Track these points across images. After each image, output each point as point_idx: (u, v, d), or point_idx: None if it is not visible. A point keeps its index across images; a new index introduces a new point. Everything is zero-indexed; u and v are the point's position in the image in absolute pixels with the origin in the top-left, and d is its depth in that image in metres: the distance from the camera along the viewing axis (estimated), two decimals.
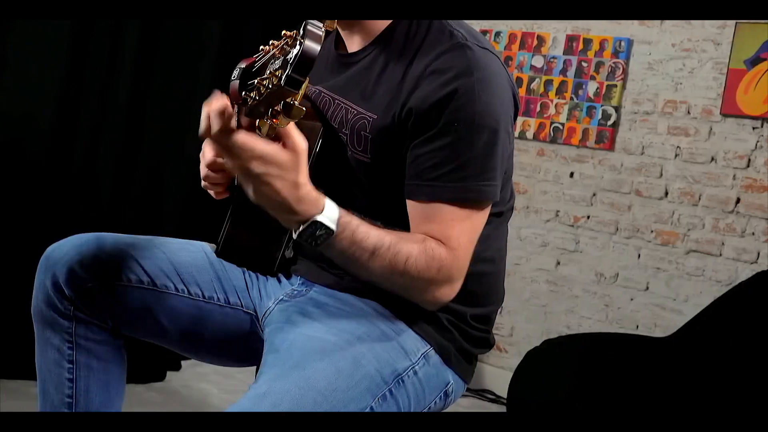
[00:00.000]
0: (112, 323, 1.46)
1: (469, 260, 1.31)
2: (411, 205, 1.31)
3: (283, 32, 1.00)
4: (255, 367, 1.61)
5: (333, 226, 1.17)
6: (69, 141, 2.76)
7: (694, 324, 2.92)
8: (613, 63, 3.47)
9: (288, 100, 0.98)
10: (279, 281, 1.50)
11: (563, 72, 3.57)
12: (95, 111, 2.81)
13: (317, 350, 1.24)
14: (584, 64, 3.52)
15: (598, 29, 3.52)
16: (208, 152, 1.52)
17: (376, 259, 1.23)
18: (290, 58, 0.94)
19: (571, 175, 3.58)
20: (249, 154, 1.06)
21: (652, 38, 3.41)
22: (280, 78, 0.94)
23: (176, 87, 3.04)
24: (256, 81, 1.00)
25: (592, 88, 3.50)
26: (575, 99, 3.54)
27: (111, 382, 1.47)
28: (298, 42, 0.95)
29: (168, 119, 3.04)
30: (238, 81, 1.07)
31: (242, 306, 1.49)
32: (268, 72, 0.98)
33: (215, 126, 1.05)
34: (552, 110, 3.60)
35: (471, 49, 1.30)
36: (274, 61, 1.00)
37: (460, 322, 1.42)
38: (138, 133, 2.97)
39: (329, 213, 1.17)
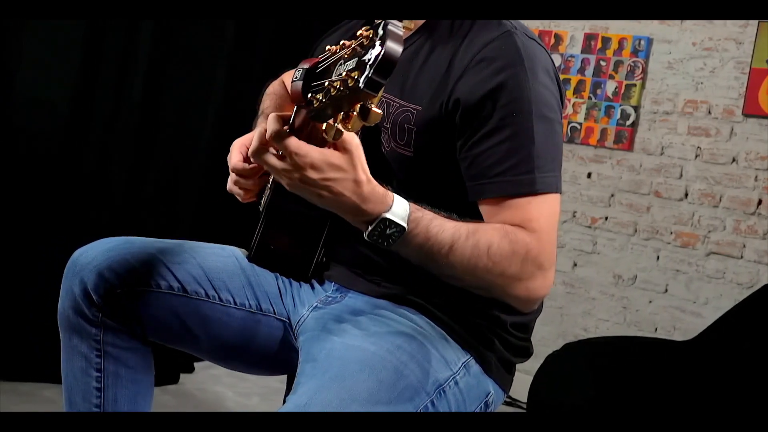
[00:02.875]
0: (141, 330, 1.41)
1: (555, 247, 1.22)
2: (482, 208, 1.25)
3: (360, 32, 0.95)
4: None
5: (403, 223, 1.11)
6: (82, 139, 2.72)
7: (716, 327, 2.87)
8: (633, 62, 3.42)
9: (365, 103, 0.93)
10: (312, 287, 1.45)
11: (581, 71, 3.53)
12: (109, 109, 2.77)
13: (357, 360, 1.20)
14: (603, 63, 3.47)
15: (617, 28, 3.47)
16: (235, 156, 1.48)
17: (455, 252, 1.14)
18: (368, 60, 0.89)
19: (589, 175, 3.54)
20: (303, 160, 1.02)
21: (673, 37, 3.37)
22: (357, 80, 0.89)
23: (190, 85, 3.00)
24: (326, 83, 0.95)
25: (610, 87, 3.45)
26: (593, 98, 3.49)
27: (139, 390, 1.42)
28: (377, 43, 0.90)
29: (182, 117, 3.01)
30: (301, 82, 1.02)
31: (275, 313, 1.44)
32: (341, 73, 0.93)
33: (271, 128, 1.02)
34: (569, 110, 3.55)
35: (520, 37, 1.25)
36: (345, 62, 0.95)
37: (500, 331, 1.37)
38: (152, 131, 2.93)
39: (398, 209, 1.11)
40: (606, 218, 3.49)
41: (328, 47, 1.02)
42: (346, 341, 1.25)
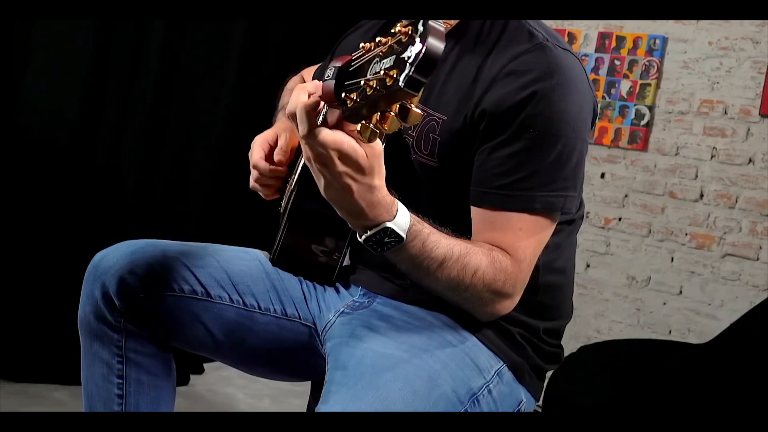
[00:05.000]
0: (163, 335, 1.38)
1: (530, 275, 1.24)
2: (475, 212, 1.24)
3: (397, 28, 0.90)
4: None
5: (403, 234, 1.10)
6: (92, 140, 2.70)
7: (733, 330, 2.84)
8: (647, 61, 3.38)
9: (404, 102, 0.89)
10: (338, 292, 1.42)
11: (595, 70, 3.49)
12: (119, 110, 2.75)
13: (390, 368, 1.16)
14: (617, 62, 3.44)
15: (632, 27, 3.43)
16: (256, 152, 1.45)
17: (443, 270, 1.16)
18: (408, 57, 0.84)
19: (603, 175, 3.50)
20: (333, 147, 0.98)
21: (688, 36, 3.33)
22: (396, 78, 0.85)
23: (200, 85, 2.98)
24: (361, 81, 0.91)
25: (625, 86, 3.41)
26: (607, 98, 3.45)
27: (161, 397, 1.39)
28: (417, 39, 0.85)
29: (192, 118, 2.99)
30: (333, 81, 0.97)
31: (300, 318, 1.41)
32: (377, 71, 0.89)
33: (303, 122, 0.98)
34: None
35: (552, 50, 1.22)
36: (381, 60, 0.90)
37: (533, 337, 1.34)
38: (161, 132, 2.91)
39: (401, 220, 1.10)
40: (620, 219, 3.46)
41: (361, 45, 0.98)
42: (377, 348, 1.22)
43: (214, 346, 1.40)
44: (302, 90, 1.01)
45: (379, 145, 1.04)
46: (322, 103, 0.99)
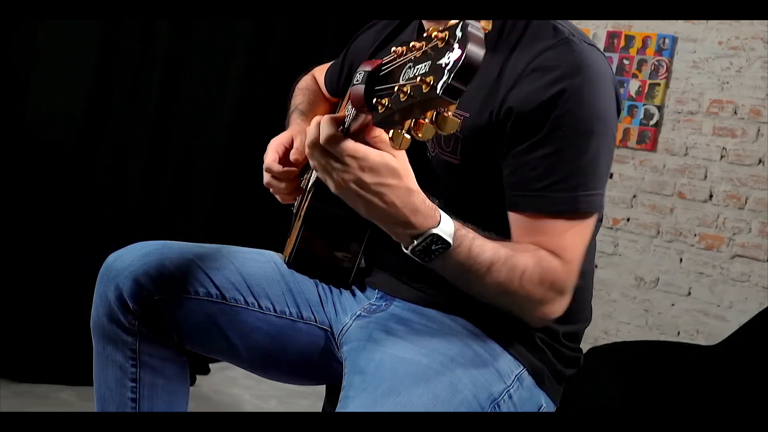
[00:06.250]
0: (178, 339, 1.35)
1: (579, 272, 1.20)
2: (514, 217, 1.21)
3: (432, 33, 0.87)
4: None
5: (450, 240, 1.07)
6: (98, 140, 2.68)
7: (744, 332, 2.82)
8: (657, 61, 3.36)
9: (442, 110, 0.86)
10: (354, 295, 1.40)
11: None
12: (125, 110, 2.73)
13: (411, 374, 1.14)
14: (626, 62, 3.41)
15: (641, 26, 3.41)
16: (271, 155, 1.43)
17: (491, 274, 1.12)
18: (445, 64, 0.82)
19: (611, 175, 3.48)
20: (361, 163, 0.97)
21: (698, 36, 3.31)
22: (433, 85, 0.82)
23: (206, 86, 2.96)
24: (394, 87, 0.88)
25: (633, 86, 3.39)
26: None
27: (175, 401, 1.37)
28: (455, 45, 0.82)
29: (198, 118, 2.97)
30: (363, 86, 0.94)
31: (316, 321, 1.39)
32: (411, 77, 0.86)
33: (325, 132, 0.96)
34: None
35: (578, 45, 1.19)
36: (415, 65, 0.87)
37: (553, 341, 1.32)
38: (167, 132, 2.89)
39: (445, 226, 1.07)
40: (628, 219, 3.44)
41: (393, 48, 0.95)
42: (396, 353, 1.20)
43: (229, 349, 1.38)
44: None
45: (402, 151, 1.02)
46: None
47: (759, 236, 3.15)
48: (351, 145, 0.98)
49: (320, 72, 1.76)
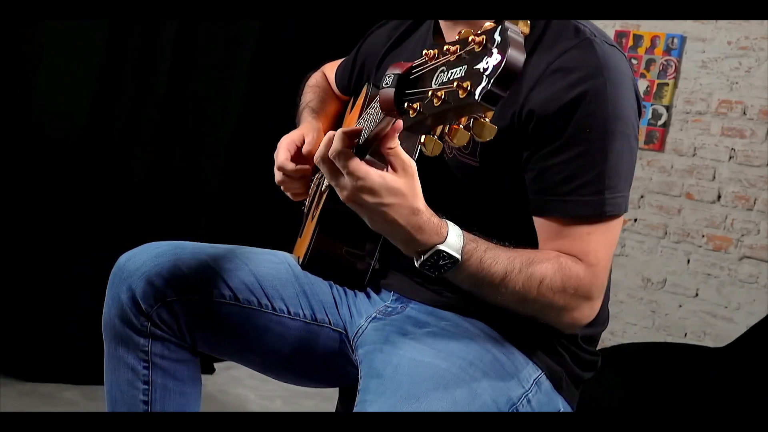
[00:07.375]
0: (190, 341, 1.33)
1: (608, 275, 1.20)
2: (540, 222, 1.19)
3: (468, 36, 0.84)
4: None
5: (457, 255, 1.08)
6: (104, 140, 2.67)
7: (753, 334, 2.80)
8: (665, 60, 3.34)
9: (480, 116, 0.84)
10: (368, 297, 1.38)
11: None
12: (130, 110, 2.71)
13: (429, 378, 1.12)
14: (634, 62, 3.40)
15: (649, 25, 3.39)
16: (282, 153, 1.42)
17: (507, 284, 1.12)
18: (483, 69, 0.79)
19: None
20: (360, 183, 1.00)
21: (707, 35, 3.29)
22: (470, 90, 0.80)
23: (212, 85, 2.94)
24: (428, 92, 0.86)
25: (642, 86, 3.37)
26: None
27: (187, 403, 1.35)
28: (494, 50, 0.80)
29: (204, 117, 2.96)
30: (393, 89, 0.92)
31: (330, 323, 1.37)
32: (446, 81, 0.83)
33: (334, 146, 0.98)
34: None
35: (600, 45, 1.17)
36: (449, 69, 0.85)
37: (570, 345, 1.31)
38: (173, 131, 2.88)
39: (452, 241, 1.08)
40: (635, 220, 3.42)
41: (425, 52, 0.92)
42: (414, 356, 1.18)
43: (241, 352, 1.37)
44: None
45: (413, 164, 1.03)
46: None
47: (767, 238, 3.13)
48: (353, 164, 0.99)
49: (330, 69, 1.74)
